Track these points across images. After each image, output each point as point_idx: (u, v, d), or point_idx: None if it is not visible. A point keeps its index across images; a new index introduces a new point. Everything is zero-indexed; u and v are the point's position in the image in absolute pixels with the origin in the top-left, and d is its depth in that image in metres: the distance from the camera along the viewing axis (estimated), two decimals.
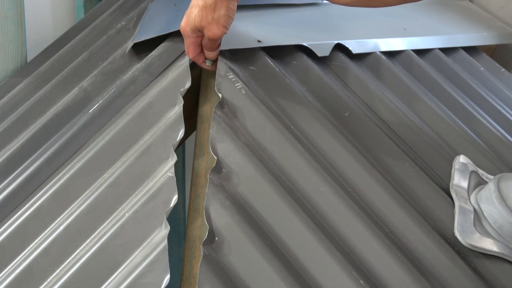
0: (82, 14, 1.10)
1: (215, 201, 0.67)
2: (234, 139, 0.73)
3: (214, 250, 0.63)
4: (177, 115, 0.75)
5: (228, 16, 0.71)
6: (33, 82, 0.91)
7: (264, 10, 0.95)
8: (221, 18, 0.70)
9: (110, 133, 0.76)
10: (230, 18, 0.72)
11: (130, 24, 0.94)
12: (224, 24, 0.71)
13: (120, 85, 0.82)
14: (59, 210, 0.70)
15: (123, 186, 0.70)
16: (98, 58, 0.90)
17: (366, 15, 1.10)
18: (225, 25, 0.72)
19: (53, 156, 0.76)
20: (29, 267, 0.66)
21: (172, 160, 0.70)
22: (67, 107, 0.82)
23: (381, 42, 1.00)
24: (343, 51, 0.95)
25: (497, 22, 1.28)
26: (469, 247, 0.69)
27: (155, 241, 0.64)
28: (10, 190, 0.74)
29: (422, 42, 1.08)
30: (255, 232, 0.65)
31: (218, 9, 0.70)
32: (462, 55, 1.13)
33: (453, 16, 1.22)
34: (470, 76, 1.08)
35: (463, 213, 0.72)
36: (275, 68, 0.85)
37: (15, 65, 0.98)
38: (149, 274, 0.61)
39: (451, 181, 0.78)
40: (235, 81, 0.80)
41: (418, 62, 1.02)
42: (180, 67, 0.81)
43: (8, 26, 0.95)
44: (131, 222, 0.66)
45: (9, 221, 0.71)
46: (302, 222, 0.67)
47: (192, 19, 0.72)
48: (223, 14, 0.70)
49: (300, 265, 0.64)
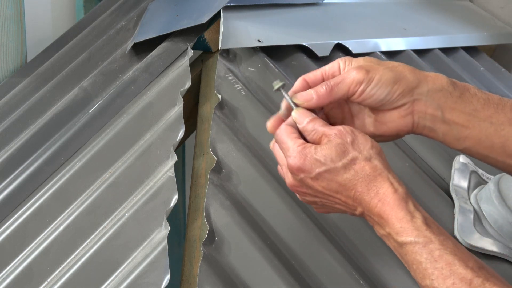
0: (82, 14, 1.10)
1: (215, 201, 0.67)
2: (234, 139, 0.73)
3: (214, 250, 0.63)
4: (177, 115, 0.75)
5: (327, 211, 0.58)
6: (33, 82, 0.91)
7: (264, 10, 0.95)
8: (327, 207, 0.57)
9: (110, 133, 0.76)
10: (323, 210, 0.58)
11: (130, 24, 0.94)
12: (313, 205, 0.58)
13: (120, 85, 0.82)
14: (59, 210, 0.70)
15: (123, 186, 0.70)
16: (98, 58, 0.90)
17: (366, 15, 1.10)
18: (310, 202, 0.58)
19: (53, 156, 0.76)
20: (29, 267, 0.66)
21: (172, 160, 0.70)
22: (67, 107, 0.82)
23: (381, 42, 1.00)
24: (343, 51, 0.95)
25: (497, 22, 1.28)
26: (469, 247, 0.69)
27: (155, 241, 0.64)
28: (10, 190, 0.74)
29: (422, 42, 1.08)
30: (255, 232, 0.65)
31: (334, 210, 0.56)
32: (462, 55, 1.13)
33: (453, 16, 1.22)
34: (470, 76, 1.08)
35: (463, 213, 0.72)
36: (274, 69, 0.85)
37: (15, 65, 0.98)
38: (149, 274, 0.61)
39: (451, 181, 0.78)
40: (235, 82, 0.80)
41: (418, 62, 1.02)
42: (180, 67, 0.81)
43: (8, 26, 0.95)
44: (131, 222, 0.66)
45: (9, 221, 0.71)
46: (302, 222, 0.67)
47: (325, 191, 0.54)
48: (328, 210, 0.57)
49: (300, 265, 0.64)
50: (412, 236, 0.48)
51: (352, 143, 0.52)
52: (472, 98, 0.55)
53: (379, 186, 0.50)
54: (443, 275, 0.46)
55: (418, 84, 0.55)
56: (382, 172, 0.51)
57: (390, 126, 0.57)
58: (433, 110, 0.55)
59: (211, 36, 0.88)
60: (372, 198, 0.50)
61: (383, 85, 0.54)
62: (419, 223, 0.48)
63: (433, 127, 0.56)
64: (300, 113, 0.55)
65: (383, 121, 0.57)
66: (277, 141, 0.56)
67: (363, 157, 0.51)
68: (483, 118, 0.55)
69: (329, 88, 0.55)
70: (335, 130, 0.53)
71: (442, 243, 0.47)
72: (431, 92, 0.55)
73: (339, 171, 0.51)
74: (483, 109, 0.55)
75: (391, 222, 0.49)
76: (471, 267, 0.46)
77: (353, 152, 0.51)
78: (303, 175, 0.53)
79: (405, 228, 0.49)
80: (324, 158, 0.51)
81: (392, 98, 0.55)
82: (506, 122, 0.55)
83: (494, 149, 0.55)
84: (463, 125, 0.55)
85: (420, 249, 0.48)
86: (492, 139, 0.55)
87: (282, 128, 0.55)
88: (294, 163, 0.52)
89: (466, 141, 0.56)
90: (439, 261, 0.47)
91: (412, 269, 0.49)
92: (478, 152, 0.56)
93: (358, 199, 0.51)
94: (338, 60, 0.57)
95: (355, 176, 0.51)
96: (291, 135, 0.54)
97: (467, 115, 0.55)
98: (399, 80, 0.54)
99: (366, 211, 0.52)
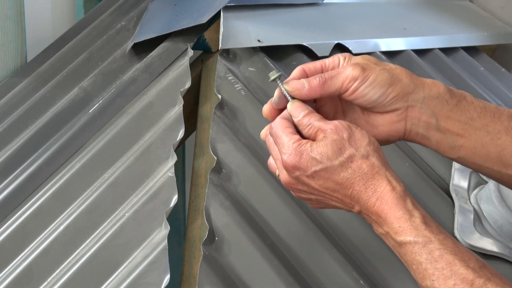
0: (82, 14, 1.10)
1: (215, 201, 0.67)
2: (234, 139, 0.73)
3: (214, 250, 0.63)
4: (177, 115, 0.75)
5: (325, 207, 0.56)
6: (33, 82, 0.91)
7: (264, 10, 0.95)
8: (323, 204, 0.55)
9: (110, 133, 0.76)
10: (321, 206, 0.57)
11: (130, 24, 0.94)
12: (308, 202, 0.57)
13: (120, 85, 0.82)
14: (59, 210, 0.70)
15: (123, 186, 0.70)
16: (98, 58, 0.90)
17: (366, 15, 1.10)
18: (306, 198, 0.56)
19: (53, 156, 0.76)
20: (29, 267, 0.66)
21: (172, 160, 0.70)
22: (67, 107, 0.82)
23: (381, 42, 1.00)
24: (343, 51, 0.95)
25: (497, 22, 1.28)
26: (469, 247, 0.69)
27: (155, 241, 0.64)
28: (10, 190, 0.74)
29: (422, 42, 1.08)
30: (255, 232, 0.65)
31: (335, 205, 0.55)
32: (462, 55, 1.13)
33: (453, 16, 1.22)
34: (470, 76, 1.08)
35: (463, 213, 0.72)
36: (274, 69, 0.85)
37: (15, 65, 0.98)
38: (149, 274, 0.61)
39: (451, 181, 0.78)
40: (235, 82, 0.80)
41: (418, 62, 1.02)
42: (180, 67, 0.81)
43: (8, 26, 0.95)
44: (131, 222, 0.66)
45: (9, 221, 0.71)
46: (302, 222, 0.67)
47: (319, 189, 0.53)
48: (328, 206, 0.56)
49: (300, 265, 0.64)
50: (411, 235, 0.48)
51: (348, 139, 0.51)
52: (469, 107, 0.54)
53: (377, 185, 0.50)
54: (444, 275, 0.46)
55: (414, 89, 0.54)
56: (379, 170, 0.50)
57: (381, 130, 0.56)
58: (427, 117, 0.54)
59: (211, 36, 0.88)
60: (370, 197, 0.50)
61: (377, 86, 0.53)
62: (418, 222, 0.48)
63: (427, 134, 0.55)
64: (296, 106, 0.54)
65: (374, 124, 0.56)
66: (272, 134, 0.54)
67: (360, 154, 0.50)
68: (479, 127, 0.54)
69: (323, 81, 0.54)
70: (331, 125, 0.51)
71: (442, 242, 0.47)
72: (427, 99, 0.54)
73: (336, 169, 0.50)
74: (479, 118, 0.54)
75: (390, 221, 0.49)
76: (472, 267, 0.46)
77: (350, 149, 0.50)
78: (299, 172, 0.52)
79: (404, 227, 0.48)
80: (320, 156, 0.50)
81: (385, 100, 0.54)
82: (503, 130, 0.54)
83: (489, 158, 0.54)
84: (458, 133, 0.54)
85: (419, 249, 0.47)
86: (488, 148, 0.54)
87: (277, 122, 0.54)
88: (289, 161, 0.51)
89: (461, 150, 0.55)
90: (439, 261, 0.46)
91: (412, 269, 0.49)
92: (473, 162, 0.55)
93: (356, 198, 0.51)
94: (339, 55, 0.57)
95: (352, 174, 0.50)
96: (286, 130, 0.53)
97: (463, 124, 0.54)
98: (394, 83, 0.53)
99: (363, 210, 0.51)
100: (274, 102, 0.56)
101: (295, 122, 0.54)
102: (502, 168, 0.55)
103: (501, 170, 0.55)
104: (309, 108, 0.54)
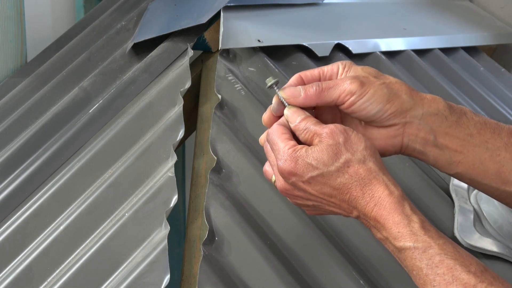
0: (82, 14, 1.10)
1: (215, 201, 0.67)
2: (234, 139, 0.73)
3: (214, 250, 0.63)
4: (177, 115, 0.75)
5: (323, 213, 0.56)
6: (33, 82, 0.91)
7: (264, 10, 0.95)
8: (320, 210, 0.55)
9: (110, 133, 0.76)
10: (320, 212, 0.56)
11: (130, 24, 0.94)
12: (304, 209, 0.57)
13: (120, 85, 0.82)
14: (59, 210, 0.70)
15: (123, 186, 0.70)
16: (98, 58, 0.90)
17: (366, 15, 1.10)
18: (302, 205, 0.56)
19: (53, 156, 0.76)
20: (29, 267, 0.66)
21: (172, 160, 0.70)
22: (67, 107, 0.82)
23: (381, 42, 1.00)
24: (343, 51, 0.95)
25: (497, 22, 1.28)
26: (469, 247, 0.69)
27: (155, 241, 0.64)
28: (10, 190, 0.74)
29: (422, 42, 1.08)
30: (255, 232, 0.65)
31: (331, 211, 0.54)
32: (462, 55, 1.13)
33: (453, 16, 1.22)
34: (470, 76, 1.08)
35: (463, 213, 0.72)
36: (274, 69, 0.85)
37: (15, 65, 0.98)
38: (149, 274, 0.61)
39: (451, 181, 0.78)
40: (235, 82, 0.80)
41: (418, 62, 1.02)
42: (180, 67, 0.81)
43: (8, 26, 0.95)
44: (131, 222, 0.66)
45: (9, 221, 0.71)
46: (302, 222, 0.67)
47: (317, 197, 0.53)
48: (325, 212, 0.55)
49: (300, 265, 0.64)
50: (410, 241, 0.47)
51: (344, 143, 0.50)
52: (469, 123, 0.54)
53: (374, 190, 0.49)
54: (445, 281, 0.45)
55: (412, 106, 0.53)
56: (377, 175, 0.50)
57: (377, 143, 0.55)
58: (425, 133, 0.53)
59: (211, 36, 0.88)
60: (368, 202, 0.49)
61: (375, 102, 0.52)
62: (417, 227, 0.47)
63: (424, 150, 0.54)
64: (293, 111, 0.54)
65: (371, 137, 0.55)
66: (268, 141, 0.54)
67: (356, 159, 0.50)
68: (479, 143, 0.53)
69: (319, 90, 0.53)
70: (326, 129, 0.51)
71: (441, 247, 0.47)
72: (426, 115, 0.53)
73: (332, 174, 0.50)
74: (479, 134, 0.54)
75: (388, 226, 0.48)
76: (473, 271, 0.45)
77: (346, 154, 0.50)
78: (295, 178, 0.51)
79: (403, 233, 0.48)
80: (316, 162, 0.50)
81: (382, 116, 0.53)
82: (502, 147, 0.53)
83: (488, 175, 0.54)
84: (456, 150, 0.54)
85: (419, 254, 0.47)
86: (487, 165, 0.53)
87: (273, 128, 0.54)
88: (284, 167, 0.51)
89: (459, 166, 0.54)
90: (440, 267, 0.46)
91: (413, 275, 0.48)
92: (471, 178, 0.55)
93: (353, 203, 0.50)
94: (339, 63, 0.56)
95: (349, 179, 0.50)
96: (282, 136, 0.53)
97: (461, 140, 0.53)
98: (393, 100, 0.52)
99: (362, 215, 0.51)
100: (272, 108, 0.56)
101: (292, 127, 0.54)
102: (500, 185, 0.54)
103: (500, 187, 0.54)
104: (306, 113, 0.54)
